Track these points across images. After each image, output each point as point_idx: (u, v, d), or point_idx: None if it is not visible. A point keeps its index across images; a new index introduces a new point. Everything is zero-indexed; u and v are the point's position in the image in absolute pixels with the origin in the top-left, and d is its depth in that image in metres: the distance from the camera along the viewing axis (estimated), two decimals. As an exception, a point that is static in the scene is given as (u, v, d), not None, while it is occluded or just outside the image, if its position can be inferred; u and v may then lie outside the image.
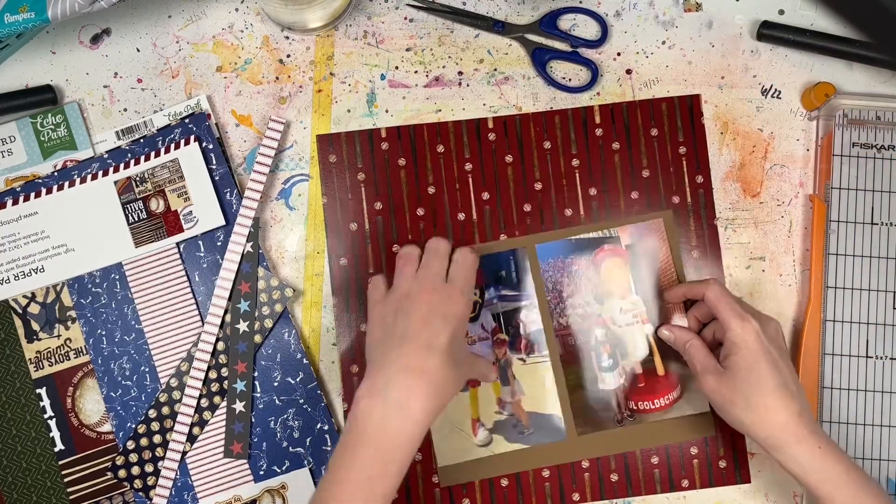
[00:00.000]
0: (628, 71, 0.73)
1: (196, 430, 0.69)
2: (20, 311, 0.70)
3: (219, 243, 0.70)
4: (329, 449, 0.70)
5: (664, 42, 0.73)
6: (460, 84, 0.73)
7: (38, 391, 0.70)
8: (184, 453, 0.69)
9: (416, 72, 0.73)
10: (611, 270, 0.71)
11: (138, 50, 0.72)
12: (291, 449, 0.70)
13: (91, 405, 0.70)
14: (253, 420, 0.70)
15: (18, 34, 0.67)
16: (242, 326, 0.70)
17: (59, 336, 0.70)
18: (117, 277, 0.70)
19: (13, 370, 0.70)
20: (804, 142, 0.73)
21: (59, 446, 0.69)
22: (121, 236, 0.70)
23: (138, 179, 0.70)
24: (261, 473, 0.70)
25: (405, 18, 0.73)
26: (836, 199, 0.71)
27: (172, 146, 0.70)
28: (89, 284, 0.70)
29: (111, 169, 0.70)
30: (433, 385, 0.59)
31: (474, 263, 0.67)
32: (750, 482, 0.71)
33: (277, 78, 0.72)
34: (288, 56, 0.73)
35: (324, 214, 0.72)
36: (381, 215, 0.72)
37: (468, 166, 0.72)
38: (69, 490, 0.69)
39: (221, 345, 0.70)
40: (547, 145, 0.72)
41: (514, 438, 0.70)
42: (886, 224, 0.70)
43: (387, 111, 0.73)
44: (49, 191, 0.70)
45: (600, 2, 0.74)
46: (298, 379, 0.70)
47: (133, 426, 0.69)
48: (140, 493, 0.69)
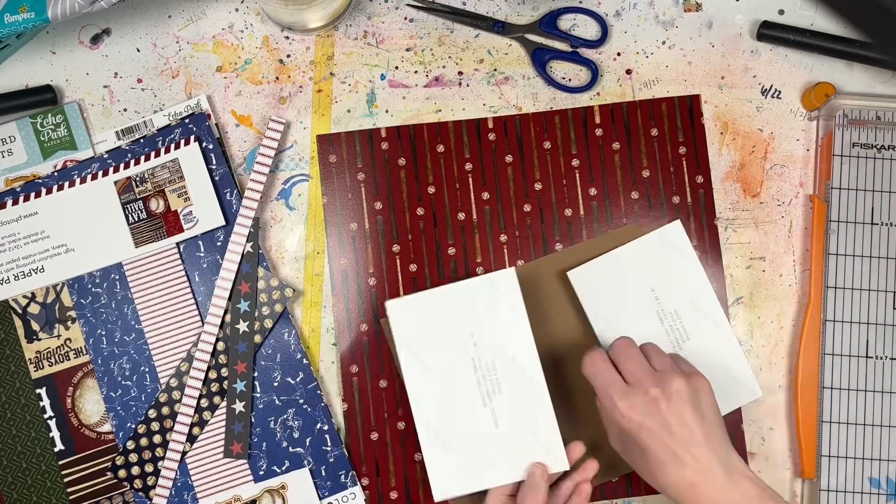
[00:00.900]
0: (628, 71, 0.73)
1: (196, 431, 0.69)
2: (20, 312, 0.70)
3: (219, 243, 0.70)
4: (329, 449, 0.70)
5: (664, 42, 0.73)
6: (460, 84, 0.73)
7: (38, 391, 0.70)
8: (184, 453, 0.69)
9: (416, 72, 0.73)
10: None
11: (138, 50, 0.73)
12: (291, 449, 0.70)
13: (91, 405, 0.70)
14: (253, 420, 0.70)
15: (18, 34, 0.67)
16: (242, 326, 0.70)
17: (59, 336, 0.70)
18: (117, 277, 0.70)
19: (13, 370, 0.70)
20: (804, 142, 0.73)
21: (59, 446, 0.69)
22: (121, 236, 0.70)
23: (138, 179, 0.70)
24: (260, 473, 0.70)
25: (405, 18, 0.73)
26: (836, 199, 0.71)
27: (172, 146, 0.70)
28: (89, 284, 0.70)
29: (111, 169, 0.70)
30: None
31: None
32: (750, 482, 0.71)
33: (277, 78, 0.72)
34: (288, 56, 0.73)
35: (324, 214, 0.72)
36: (381, 215, 0.72)
37: (468, 166, 0.72)
38: (69, 490, 0.69)
39: (221, 345, 0.70)
40: (547, 145, 0.72)
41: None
42: (886, 224, 0.70)
43: (387, 111, 0.73)
44: (49, 191, 0.70)
45: (600, 2, 0.74)
46: (298, 379, 0.70)
47: (133, 426, 0.69)
48: (140, 493, 0.69)
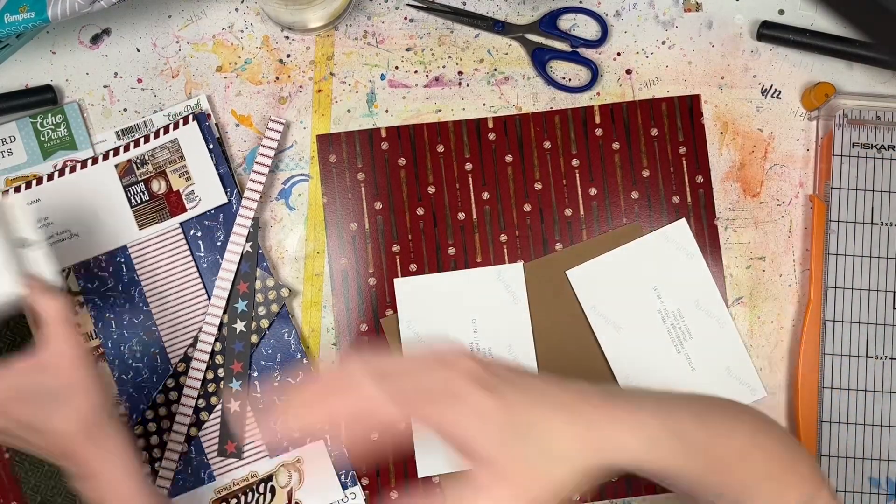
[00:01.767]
0: (628, 71, 0.73)
1: (193, 431, 0.70)
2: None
3: (219, 243, 0.70)
4: (329, 449, 0.70)
5: (664, 42, 0.73)
6: (460, 84, 0.73)
7: None
8: (182, 453, 0.69)
9: (416, 72, 0.73)
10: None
11: (138, 50, 0.73)
12: (291, 449, 0.70)
13: None
14: (255, 419, 0.70)
15: (18, 34, 0.67)
16: (239, 326, 0.70)
17: None
18: (123, 260, 0.70)
19: None
20: (804, 142, 0.73)
21: None
22: (124, 219, 0.70)
23: (139, 162, 0.70)
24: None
25: (405, 18, 0.73)
26: (836, 199, 0.71)
27: (171, 127, 0.70)
28: (95, 269, 0.70)
29: (111, 152, 0.71)
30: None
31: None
32: (750, 482, 0.71)
33: (277, 78, 0.72)
34: (288, 56, 0.73)
35: (324, 214, 0.72)
36: (381, 215, 0.72)
37: (468, 166, 0.72)
38: None
39: (219, 345, 0.70)
40: (547, 145, 0.72)
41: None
42: (886, 224, 0.70)
43: (387, 111, 0.73)
44: (50, 177, 0.70)
45: (600, 2, 0.74)
46: (298, 379, 0.70)
47: (144, 407, 0.69)
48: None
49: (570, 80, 0.73)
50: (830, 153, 0.71)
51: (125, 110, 0.72)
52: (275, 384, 0.70)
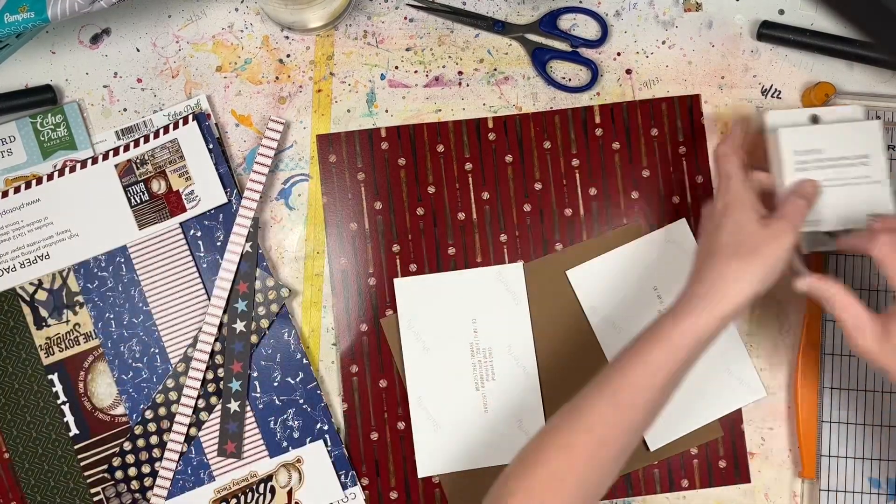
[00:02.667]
0: (628, 71, 0.73)
1: (193, 431, 0.70)
2: (28, 299, 0.70)
3: (218, 243, 0.70)
4: (329, 449, 0.70)
5: (664, 42, 0.73)
6: (460, 84, 0.73)
7: (50, 377, 0.70)
8: (181, 454, 0.69)
9: (416, 72, 0.73)
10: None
11: (138, 50, 0.73)
12: (291, 449, 0.70)
13: (103, 388, 0.70)
14: (255, 419, 0.70)
15: (18, 34, 0.67)
16: (239, 326, 0.70)
17: (68, 321, 0.70)
18: (122, 260, 0.70)
19: (24, 357, 0.70)
20: (804, 142, 0.73)
21: (74, 431, 0.70)
22: (124, 219, 0.70)
23: (138, 162, 0.70)
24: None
25: (405, 18, 0.73)
26: (836, 199, 0.71)
27: (171, 126, 0.70)
28: (95, 269, 0.70)
29: (111, 152, 0.71)
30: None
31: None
32: (750, 482, 0.71)
33: (277, 78, 0.72)
34: (288, 56, 0.73)
35: (324, 214, 0.72)
36: (381, 215, 0.72)
37: (468, 166, 0.72)
38: (86, 474, 0.69)
39: (219, 345, 0.70)
40: (547, 145, 0.72)
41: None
42: (886, 224, 0.70)
43: (387, 111, 0.73)
44: (50, 177, 0.70)
45: (600, 2, 0.74)
46: (298, 379, 0.70)
47: (144, 407, 0.69)
48: (138, 494, 0.69)
49: (570, 80, 0.73)
50: (830, 153, 0.71)
51: (125, 110, 0.72)
52: (275, 384, 0.70)
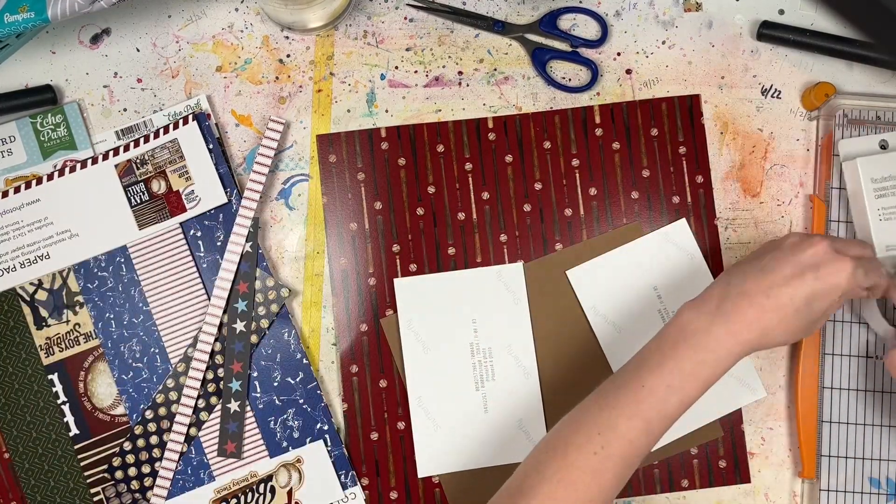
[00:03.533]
0: (628, 71, 0.73)
1: (193, 431, 0.70)
2: (28, 299, 0.70)
3: (218, 243, 0.70)
4: (329, 449, 0.70)
5: (664, 42, 0.73)
6: (460, 84, 0.73)
7: (50, 377, 0.70)
8: (181, 454, 0.69)
9: (416, 72, 0.73)
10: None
11: (138, 50, 0.73)
12: (291, 449, 0.70)
13: (103, 388, 0.70)
14: (255, 419, 0.70)
15: (18, 34, 0.67)
16: (239, 326, 0.70)
17: (68, 321, 0.70)
18: (122, 260, 0.70)
19: (24, 357, 0.70)
20: (804, 142, 0.73)
21: (74, 431, 0.70)
22: (124, 219, 0.70)
23: (138, 162, 0.70)
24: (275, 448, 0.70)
25: (405, 18, 0.73)
26: (837, 199, 0.71)
27: (171, 126, 0.70)
28: (95, 269, 0.70)
29: (111, 152, 0.71)
30: (763, 320, 0.56)
31: (878, 265, 0.62)
32: (750, 482, 0.71)
33: (277, 78, 0.72)
34: (288, 56, 0.73)
35: (324, 214, 0.72)
36: (381, 215, 0.72)
37: (468, 166, 0.72)
38: (86, 474, 0.69)
39: (219, 345, 0.70)
40: (547, 145, 0.72)
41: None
42: (886, 224, 0.70)
43: (387, 111, 0.73)
44: (50, 177, 0.70)
45: (600, 2, 0.74)
46: (298, 379, 0.70)
47: (144, 407, 0.69)
48: (138, 494, 0.69)
49: (570, 80, 0.73)
50: (830, 153, 0.71)
51: (125, 110, 0.72)
52: (275, 384, 0.70)
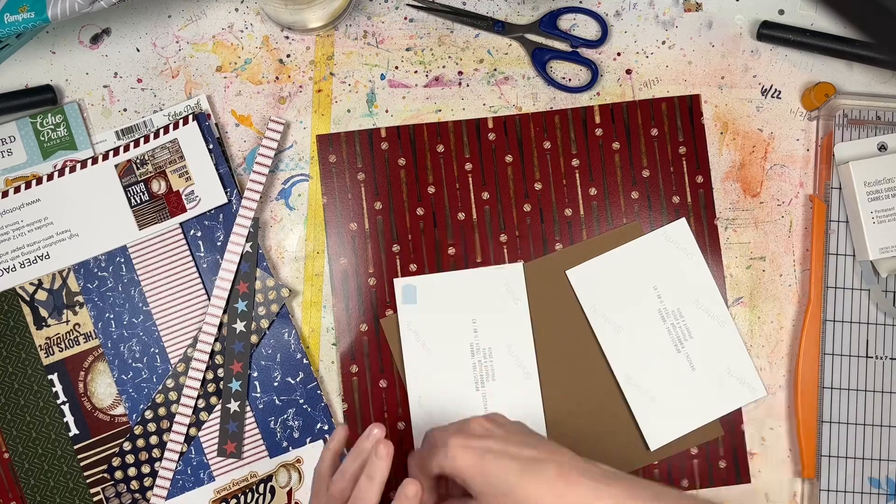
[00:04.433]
0: (628, 71, 0.73)
1: (193, 431, 0.70)
2: (28, 299, 0.70)
3: (219, 243, 0.70)
4: (329, 449, 0.70)
5: (664, 42, 0.73)
6: (460, 84, 0.73)
7: (50, 377, 0.70)
8: (181, 454, 0.69)
9: (416, 72, 0.73)
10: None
11: (138, 50, 0.73)
12: (291, 449, 0.70)
13: (103, 389, 0.70)
14: (255, 419, 0.70)
15: (18, 34, 0.67)
16: (239, 326, 0.70)
17: (68, 322, 0.70)
18: (122, 260, 0.70)
19: (24, 357, 0.70)
20: (804, 142, 0.73)
21: (74, 431, 0.70)
22: (124, 219, 0.70)
23: (138, 162, 0.70)
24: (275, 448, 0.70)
25: (405, 18, 0.73)
26: (836, 199, 0.71)
27: (171, 126, 0.70)
28: (95, 269, 0.70)
29: (111, 152, 0.71)
30: None
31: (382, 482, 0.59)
32: (750, 482, 0.71)
33: (277, 78, 0.72)
34: (288, 56, 0.73)
35: (324, 214, 0.72)
36: (381, 215, 0.72)
37: (468, 166, 0.72)
38: (86, 474, 0.69)
39: (219, 345, 0.70)
40: (547, 145, 0.72)
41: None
42: (886, 224, 0.70)
43: (387, 111, 0.73)
44: (50, 177, 0.70)
45: (600, 2, 0.74)
46: (298, 379, 0.70)
47: (144, 407, 0.69)
48: (138, 494, 0.69)
49: (570, 80, 0.73)
50: (830, 153, 0.71)
51: (125, 110, 0.72)
52: (275, 384, 0.70)
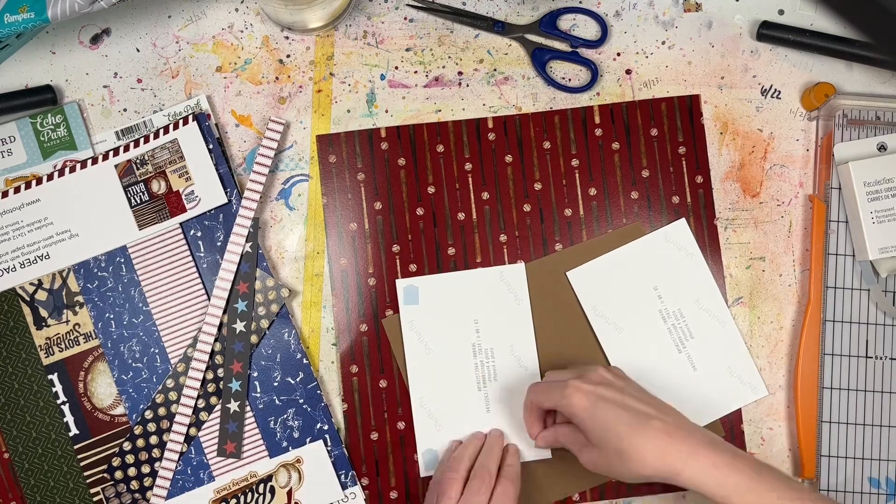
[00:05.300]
0: (628, 71, 0.73)
1: (193, 431, 0.70)
2: (28, 299, 0.70)
3: (218, 243, 0.70)
4: (329, 449, 0.70)
5: (664, 42, 0.73)
6: (460, 84, 0.73)
7: (50, 377, 0.70)
8: (181, 454, 0.69)
9: (416, 72, 0.73)
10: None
11: (138, 50, 0.73)
12: (291, 449, 0.70)
13: (103, 389, 0.70)
14: (255, 419, 0.70)
15: (18, 34, 0.67)
16: (239, 326, 0.70)
17: (68, 322, 0.70)
18: (122, 261, 0.70)
19: (24, 357, 0.70)
20: (804, 142, 0.73)
21: (74, 431, 0.70)
22: (124, 219, 0.70)
23: (138, 162, 0.70)
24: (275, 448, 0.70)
25: (405, 18, 0.73)
26: (836, 199, 0.71)
27: (171, 127, 0.70)
28: (95, 269, 0.70)
29: (111, 152, 0.71)
30: None
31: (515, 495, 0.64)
32: (750, 482, 0.70)
33: (277, 78, 0.72)
34: (288, 56, 0.73)
35: (324, 214, 0.72)
36: (381, 215, 0.72)
37: (468, 166, 0.72)
38: (86, 474, 0.69)
39: (219, 345, 0.70)
40: (547, 145, 0.72)
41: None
42: (886, 224, 0.70)
43: (386, 111, 0.73)
44: (50, 177, 0.70)
45: (600, 2, 0.74)
46: (298, 379, 0.70)
47: (144, 407, 0.69)
48: (137, 494, 0.69)
49: (570, 80, 0.73)
50: (830, 153, 0.71)
51: (125, 110, 0.72)
52: (275, 384, 0.70)
